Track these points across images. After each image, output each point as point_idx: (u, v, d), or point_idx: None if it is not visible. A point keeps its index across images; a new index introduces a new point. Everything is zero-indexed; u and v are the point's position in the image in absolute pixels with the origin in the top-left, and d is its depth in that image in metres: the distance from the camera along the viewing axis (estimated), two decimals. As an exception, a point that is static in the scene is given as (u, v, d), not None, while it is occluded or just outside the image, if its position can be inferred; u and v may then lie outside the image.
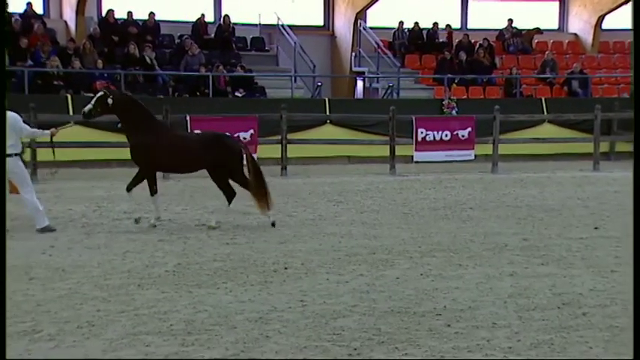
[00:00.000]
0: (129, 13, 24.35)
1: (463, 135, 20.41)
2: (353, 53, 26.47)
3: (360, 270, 8.44)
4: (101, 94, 11.18)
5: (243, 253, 9.30)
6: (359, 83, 27.19)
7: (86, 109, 11.18)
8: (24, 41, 21.74)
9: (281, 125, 19.12)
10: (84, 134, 18.49)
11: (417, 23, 27.65)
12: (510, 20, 28.65)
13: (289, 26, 25.73)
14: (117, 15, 24.27)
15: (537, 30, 28.88)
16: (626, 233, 9.60)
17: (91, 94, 15.38)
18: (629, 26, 23.36)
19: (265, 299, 7.20)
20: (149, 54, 22.69)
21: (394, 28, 27.54)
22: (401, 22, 27.52)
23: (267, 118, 19.47)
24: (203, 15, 25.47)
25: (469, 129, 20.38)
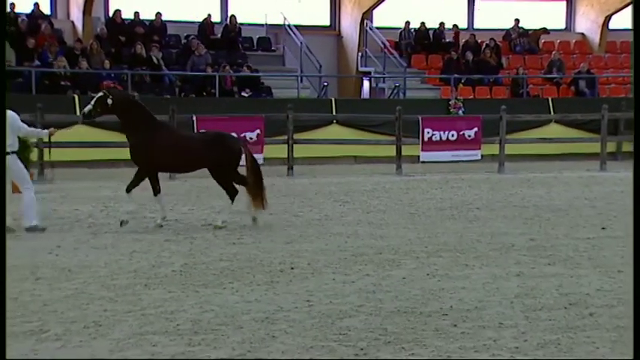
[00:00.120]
0: (136, 14, 24.39)
1: (470, 135, 20.40)
2: (359, 53, 26.47)
3: (367, 270, 8.43)
4: (101, 95, 11.15)
5: (249, 253, 9.30)
6: (365, 83, 27.18)
7: (86, 110, 11.18)
8: (31, 41, 21.81)
9: (287, 125, 19.13)
10: (91, 134, 18.55)
11: (424, 23, 27.65)
12: (517, 20, 28.60)
13: (295, 26, 25.74)
14: (124, 15, 24.34)
15: (544, 30, 28.83)
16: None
17: (98, 95, 15.42)
18: (636, 26, 23.28)
19: (272, 299, 7.20)
20: (156, 54, 22.74)
21: (400, 28, 27.53)
22: (407, 22, 27.51)
23: (273, 118, 19.48)
24: (209, 15, 25.52)
25: (475, 129, 20.36)
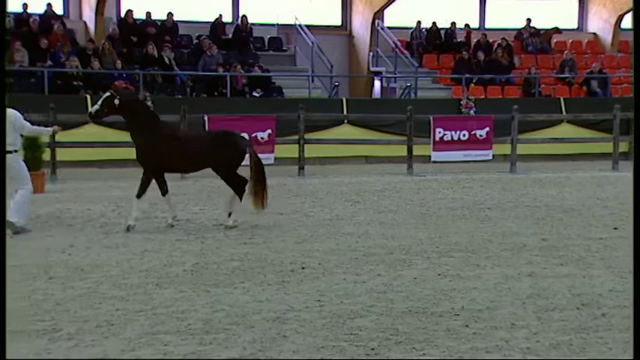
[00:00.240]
0: (147, 14, 24.48)
1: (481, 135, 20.34)
2: (370, 53, 26.46)
3: (378, 270, 8.42)
4: (108, 95, 11.10)
5: (260, 253, 9.31)
6: (376, 83, 27.16)
7: (93, 110, 11.16)
8: (44, 42, 21.91)
9: (298, 125, 19.14)
10: (102, 134, 18.60)
11: (435, 23, 27.63)
12: (529, 20, 28.54)
13: (307, 26, 25.76)
14: (135, 15, 24.43)
15: (556, 29, 28.76)
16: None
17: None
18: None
19: (282, 299, 7.20)
20: (167, 54, 22.80)
21: (412, 28, 27.53)
22: (418, 22, 27.50)
23: (284, 118, 19.49)
24: (221, 15, 25.57)
25: (487, 129, 20.31)
